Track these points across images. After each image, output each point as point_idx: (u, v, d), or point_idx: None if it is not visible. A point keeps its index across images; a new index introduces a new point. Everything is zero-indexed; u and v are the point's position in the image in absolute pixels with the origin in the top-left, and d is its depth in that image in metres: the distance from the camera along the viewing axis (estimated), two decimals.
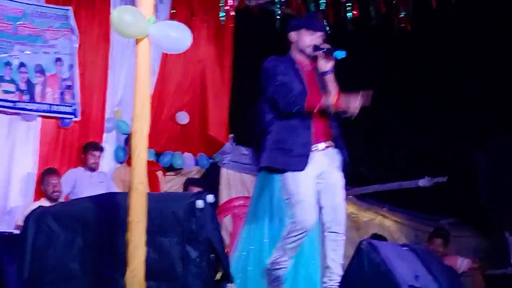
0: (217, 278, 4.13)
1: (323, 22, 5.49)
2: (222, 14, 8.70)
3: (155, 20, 3.85)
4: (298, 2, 8.47)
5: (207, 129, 9.79)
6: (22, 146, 8.25)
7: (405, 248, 5.68)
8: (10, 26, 8.20)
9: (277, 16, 8.51)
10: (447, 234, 8.80)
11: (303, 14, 7.88)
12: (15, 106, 8.14)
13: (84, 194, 7.49)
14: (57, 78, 8.46)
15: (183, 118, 9.63)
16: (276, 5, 8.57)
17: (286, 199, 5.17)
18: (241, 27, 9.66)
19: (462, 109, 9.76)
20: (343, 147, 5.21)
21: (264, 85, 5.24)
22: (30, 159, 8.28)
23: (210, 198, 4.19)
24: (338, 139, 5.20)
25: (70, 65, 8.54)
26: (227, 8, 8.58)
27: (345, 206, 5.31)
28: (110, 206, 4.29)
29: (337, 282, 5.03)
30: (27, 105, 8.22)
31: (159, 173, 8.89)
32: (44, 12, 8.44)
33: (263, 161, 5.25)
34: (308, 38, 5.20)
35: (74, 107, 8.49)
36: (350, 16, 8.31)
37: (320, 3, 8.33)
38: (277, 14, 8.52)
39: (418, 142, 10.35)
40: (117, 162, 8.93)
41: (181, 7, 9.40)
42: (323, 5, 8.33)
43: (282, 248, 5.12)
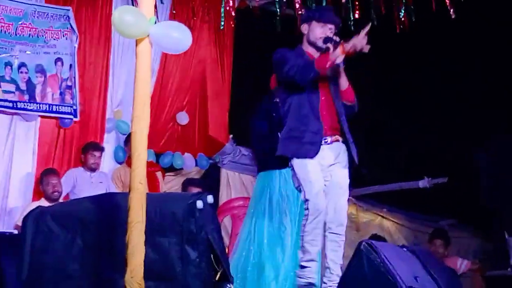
0: (216, 279, 4.12)
1: (336, 15, 5.39)
2: (223, 15, 8.71)
3: (156, 20, 3.86)
4: (299, 2, 8.45)
5: (207, 130, 9.79)
6: (22, 146, 8.24)
7: (405, 249, 5.68)
8: (10, 26, 8.20)
9: (277, 17, 8.50)
10: (448, 235, 8.80)
11: (317, 6, 7.78)
12: (15, 106, 8.13)
13: (84, 194, 7.48)
14: (57, 78, 8.45)
15: (183, 118, 9.63)
16: (277, 6, 8.56)
17: (297, 187, 5.17)
18: (241, 27, 9.66)
19: (462, 109, 9.74)
20: (352, 141, 5.19)
21: (277, 73, 5.21)
22: (30, 159, 8.27)
23: (210, 199, 4.20)
24: (346, 134, 5.17)
25: (70, 65, 8.54)
26: (228, 8, 8.58)
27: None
28: (109, 206, 4.30)
29: (336, 283, 5.04)
30: (27, 105, 8.21)
31: (159, 174, 8.89)
32: (45, 12, 8.43)
33: (277, 151, 5.27)
34: (319, 30, 5.17)
35: (74, 107, 8.48)
36: (351, 18, 8.29)
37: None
38: (278, 14, 8.51)
39: (418, 142, 10.33)
40: (116, 163, 8.93)
41: (182, 7, 9.40)
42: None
43: (304, 242, 5.06)
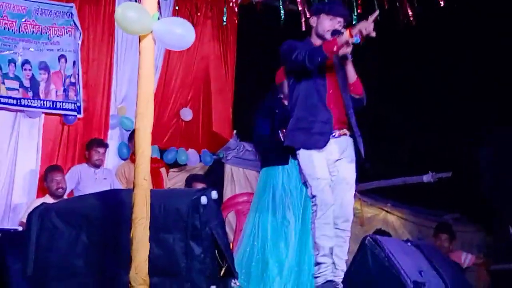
0: (221, 274, 4.13)
1: (345, 8, 5.35)
2: (226, 11, 8.71)
3: (159, 17, 3.86)
4: None
5: (211, 126, 9.79)
6: (25, 143, 8.25)
7: (409, 243, 5.69)
8: (14, 23, 8.20)
9: (280, 12, 8.50)
10: (452, 229, 8.79)
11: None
12: (19, 103, 8.14)
13: (88, 190, 7.48)
14: (61, 75, 8.46)
15: (186, 114, 9.63)
16: (280, 1, 8.56)
17: (304, 182, 5.17)
18: (245, 23, 9.65)
19: (465, 103, 9.74)
20: (360, 135, 5.15)
21: (286, 61, 5.15)
22: (34, 156, 8.29)
23: (214, 195, 4.20)
24: (354, 128, 5.14)
25: (74, 62, 8.54)
26: (231, 4, 8.58)
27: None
28: (114, 203, 4.30)
29: (341, 278, 5.03)
30: (31, 102, 8.21)
31: (163, 170, 8.89)
32: (48, 9, 8.43)
33: (285, 141, 5.26)
34: (328, 23, 5.12)
35: (78, 104, 8.49)
36: (355, 13, 8.28)
37: None
38: (281, 10, 8.51)
39: (421, 137, 10.33)
40: (120, 159, 8.93)
41: (185, 3, 9.39)
42: None
43: (316, 238, 5.02)
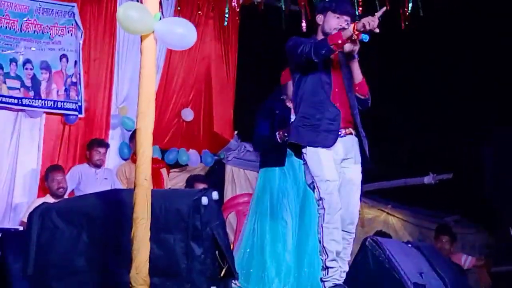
0: (221, 275, 4.12)
1: (352, 6, 5.30)
2: (227, 11, 8.70)
3: (161, 17, 3.85)
4: None
5: (212, 126, 9.79)
6: (27, 143, 8.26)
7: (410, 245, 5.68)
8: (16, 22, 8.21)
9: (282, 13, 8.49)
10: (452, 231, 8.80)
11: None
12: (20, 102, 8.14)
13: (89, 190, 7.49)
14: (62, 75, 8.46)
15: (188, 115, 9.63)
16: (282, 2, 8.55)
17: (310, 184, 4.99)
18: (246, 23, 9.65)
19: (465, 103, 9.73)
20: (364, 135, 5.09)
21: (292, 56, 5.05)
22: (35, 155, 8.29)
23: (215, 195, 4.19)
24: (359, 128, 5.08)
25: (75, 62, 8.54)
26: (233, 4, 8.57)
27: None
28: (114, 202, 4.30)
29: (343, 279, 5.00)
30: (32, 102, 8.22)
31: (163, 170, 8.89)
32: (50, 9, 8.43)
33: (290, 138, 5.12)
34: (334, 22, 5.04)
35: (79, 104, 8.49)
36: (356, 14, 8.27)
37: None
38: (283, 10, 8.50)
39: (422, 138, 10.33)
40: (121, 159, 8.94)
41: (186, 3, 9.40)
42: None
43: (324, 243, 4.88)
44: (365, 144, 5.08)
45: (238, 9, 8.73)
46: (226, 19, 8.84)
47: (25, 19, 8.26)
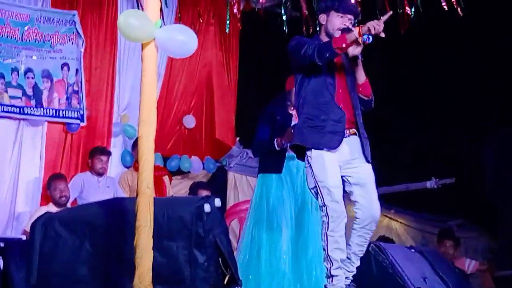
0: (225, 282, 4.12)
1: (356, 5, 5.26)
2: (228, 18, 8.70)
3: (162, 24, 3.86)
4: (305, 4, 8.42)
5: (214, 133, 9.80)
6: (29, 151, 8.24)
7: (413, 250, 5.68)
8: (17, 31, 8.21)
9: (283, 19, 8.49)
10: (455, 235, 8.78)
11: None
12: (22, 111, 8.13)
13: (91, 199, 7.49)
14: (63, 83, 8.45)
15: (190, 122, 9.64)
16: (283, 8, 8.55)
17: (312, 188, 4.92)
18: (247, 30, 9.66)
19: (468, 104, 9.73)
20: (366, 137, 5.03)
21: (294, 57, 5.00)
22: (37, 164, 8.28)
23: (217, 202, 4.18)
24: (360, 129, 5.03)
25: (77, 70, 8.54)
26: (233, 11, 8.57)
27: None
28: (117, 211, 4.30)
29: (353, 274, 4.92)
30: (34, 111, 8.21)
31: (166, 178, 8.88)
32: (51, 17, 8.43)
33: (294, 140, 5.06)
34: (338, 21, 4.98)
35: (81, 112, 8.49)
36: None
37: None
38: (284, 16, 8.50)
39: (424, 139, 10.33)
40: (124, 167, 8.93)
41: (187, 10, 9.41)
42: None
43: (329, 251, 4.82)
44: (366, 145, 5.04)
45: (239, 16, 8.73)
46: (227, 25, 8.84)
47: (26, 27, 8.26)
